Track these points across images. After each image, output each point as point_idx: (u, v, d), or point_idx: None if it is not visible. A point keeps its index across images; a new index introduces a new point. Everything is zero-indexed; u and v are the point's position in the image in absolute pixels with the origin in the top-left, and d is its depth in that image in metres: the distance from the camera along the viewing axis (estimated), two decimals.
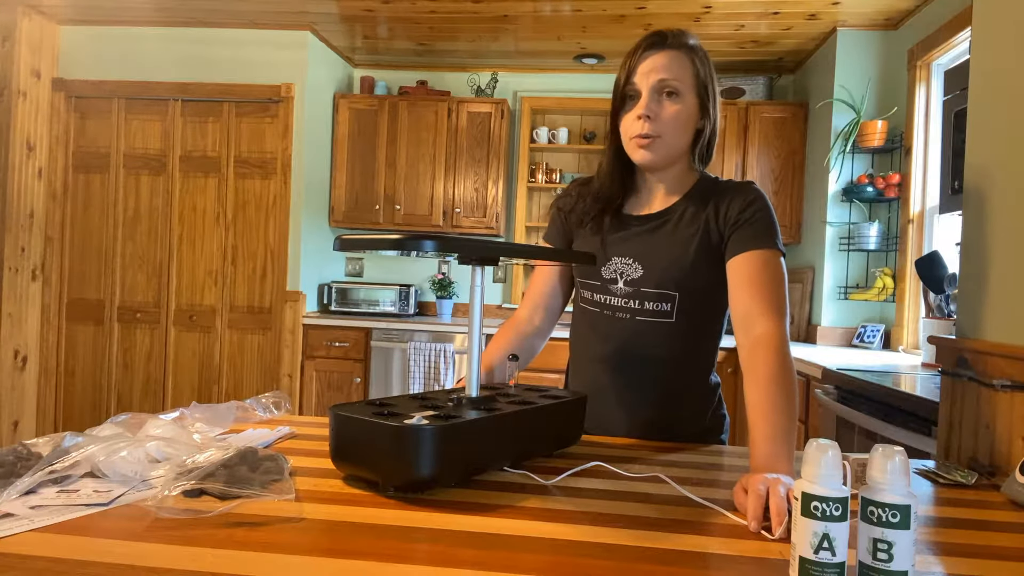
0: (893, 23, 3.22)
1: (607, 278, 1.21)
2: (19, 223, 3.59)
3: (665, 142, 1.14)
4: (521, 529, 0.70)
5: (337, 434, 0.82)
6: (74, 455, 0.76)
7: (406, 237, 0.79)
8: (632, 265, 1.19)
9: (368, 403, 0.89)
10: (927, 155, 2.99)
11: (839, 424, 2.13)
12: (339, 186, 3.93)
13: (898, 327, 3.07)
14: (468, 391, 0.94)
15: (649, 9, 3.21)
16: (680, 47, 1.14)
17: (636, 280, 1.18)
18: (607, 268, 1.21)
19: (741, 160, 3.69)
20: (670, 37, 1.14)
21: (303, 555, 0.61)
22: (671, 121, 1.13)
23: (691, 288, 1.17)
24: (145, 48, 3.71)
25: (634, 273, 1.19)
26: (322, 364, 3.64)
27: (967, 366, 1.11)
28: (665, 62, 1.12)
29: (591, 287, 1.24)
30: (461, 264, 0.94)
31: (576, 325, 1.31)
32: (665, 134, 1.13)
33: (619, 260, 1.20)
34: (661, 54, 1.13)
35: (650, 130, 1.12)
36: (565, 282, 1.33)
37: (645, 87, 1.12)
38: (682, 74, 1.13)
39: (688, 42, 1.15)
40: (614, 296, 1.20)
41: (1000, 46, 1.15)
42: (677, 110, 1.13)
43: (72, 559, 0.59)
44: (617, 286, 1.20)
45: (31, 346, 3.70)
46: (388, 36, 3.74)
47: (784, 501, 0.72)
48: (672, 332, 1.18)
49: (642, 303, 1.18)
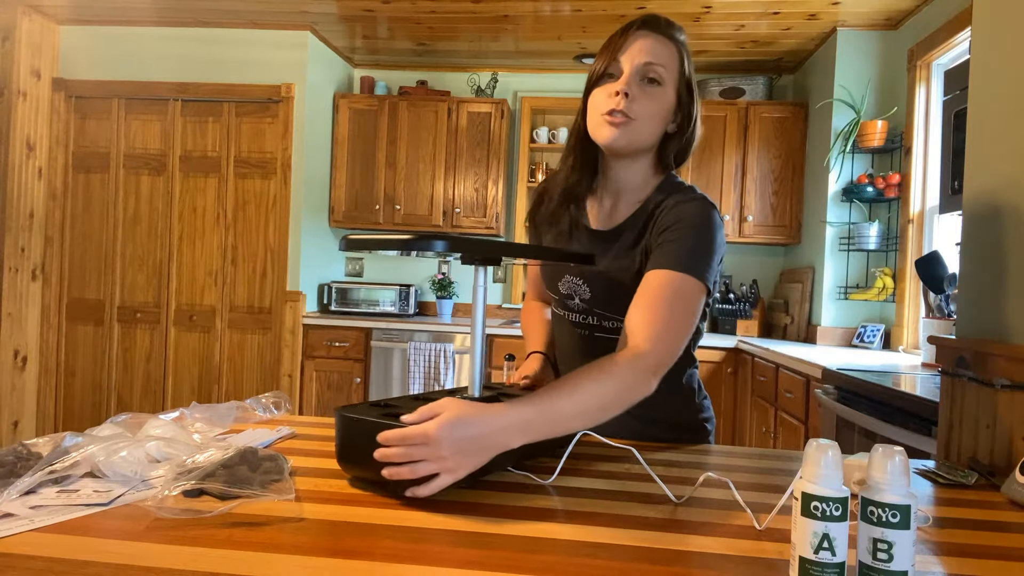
0: (893, 23, 3.22)
1: (564, 293, 1.18)
2: (19, 223, 3.59)
3: (636, 127, 1.04)
4: (521, 529, 0.70)
5: (344, 436, 0.82)
6: (74, 455, 0.76)
7: (411, 238, 0.77)
8: (582, 286, 1.14)
9: (373, 404, 0.88)
10: (927, 155, 2.99)
11: (839, 424, 2.13)
12: (339, 186, 3.93)
13: (898, 327, 3.07)
14: (471, 391, 0.93)
15: (649, 9, 3.21)
16: (672, 38, 1.08)
17: (587, 300, 1.15)
18: (563, 284, 1.16)
19: (741, 160, 3.69)
20: (664, 23, 1.07)
21: (303, 555, 0.61)
22: (648, 108, 1.04)
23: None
24: (145, 48, 3.71)
25: (584, 294, 1.15)
26: (322, 364, 3.64)
27: (967, 366, 1.11)
28: (654, 47, 1.05)
29: (554, 299, 1.22)
30: (465, 264, 0.92)
31: (554, 325, 1.29)
32: (640, 118, 1.04)
33: (570, 279, 1.16)
34: (652, 38, 1.06)
35: (624, 108, 1.03)
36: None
37: (629, 66, 1.04)
38: (669, 64, 1.06)
39: (680, 36, 1.09)
40: (572, 312, 1.18)
41: (1000, 46, 1.15)
42: (656, 99, 1.05)
43: (72, 559, 0.59)
44: (574, 302, 1.17)
45: (31, 346, 3.70)
46: (388, 36, 3.74)
47: (425, 422, 0.72)
48: None
49: (598, 321, 1.15)
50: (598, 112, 1.06)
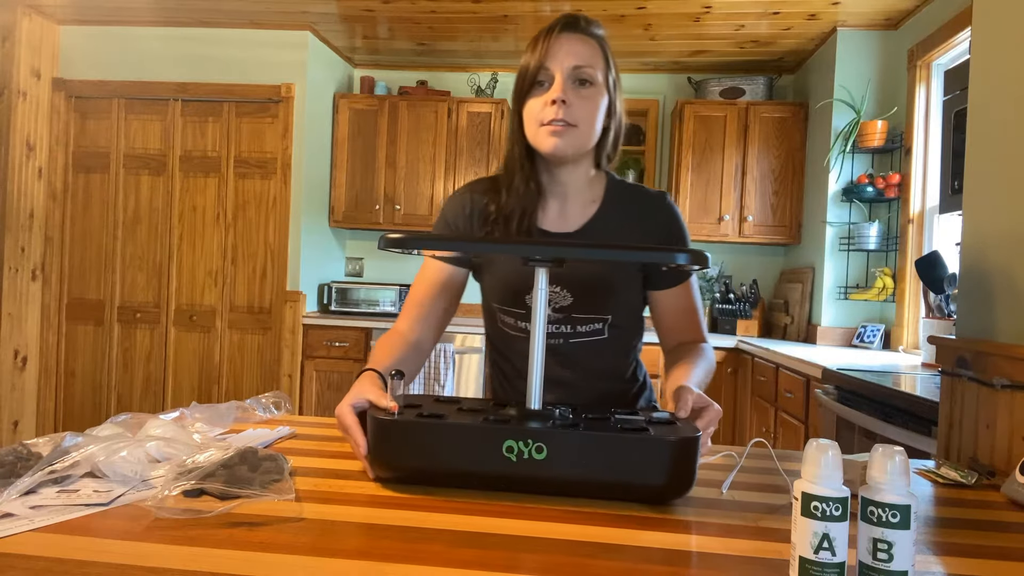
0: (893, 23, 3.22)
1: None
2: (19, 223, 3.59)
3: (580, 132, 1.05)
4: (521, 529, 0.70)
5: (418, 437, 0.80)
6: (74, 455, 0.76)
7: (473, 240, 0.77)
8: (561, 293, 1.11)
9: (408, 406, 0.87)
10: (927, 155, 2.99)
11: (839, 424, 2.13)
12: (339, 186, 3.93)
13: (898, 327, 3.07)
14: (530, 402, 0.86)
15: (649, 9, 3.21)
16: (594, 36, 1.08)
17: (567, 307, 1.12)
18: (531, 295, 1.12)
19: (741, 160, 3.69)
20: (583, 22, 1.07)
21: (303, 555, 0.61)
22: (586, 111, 1.05)
23: (621, 303, 1.15)
24: (145, 48, 3.71)
25: (563, 301, 1.11)
26: (322, 364, 3.64)
27: (967, 366, 1.11)
28: (580, 48, 1.05)
29: (514, 314, 1.15)
30: (533, 265, 0.86)
31: (497, 347, 1.23)
32: (581, 123, 1.05)
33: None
34: (576, 39, 1.06)
35: (564, 116, 1.03)
36: (449, 294, 1.19)
37: (559, 71, 1.04)
38: (596, 63, 1.06)
39: (601, 32, 1.09)
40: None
41: (1000, 46, 1.15)
42: (592, 99, 1.06)
43: (72, 559, 0.59)
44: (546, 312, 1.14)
45: (31, 346, 3.70)
46: (388, 36, 3.74)
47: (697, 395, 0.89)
48: (605, 345, 1.16)
49: (574, 327, 1.13)
50: (537, 122, 1.06)
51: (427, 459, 0.80)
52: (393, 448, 0.81)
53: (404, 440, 0.80)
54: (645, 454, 0.77)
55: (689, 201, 3.72)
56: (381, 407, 0.84)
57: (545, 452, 0.77)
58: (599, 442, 0.77)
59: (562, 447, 0.77)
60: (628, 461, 0.77)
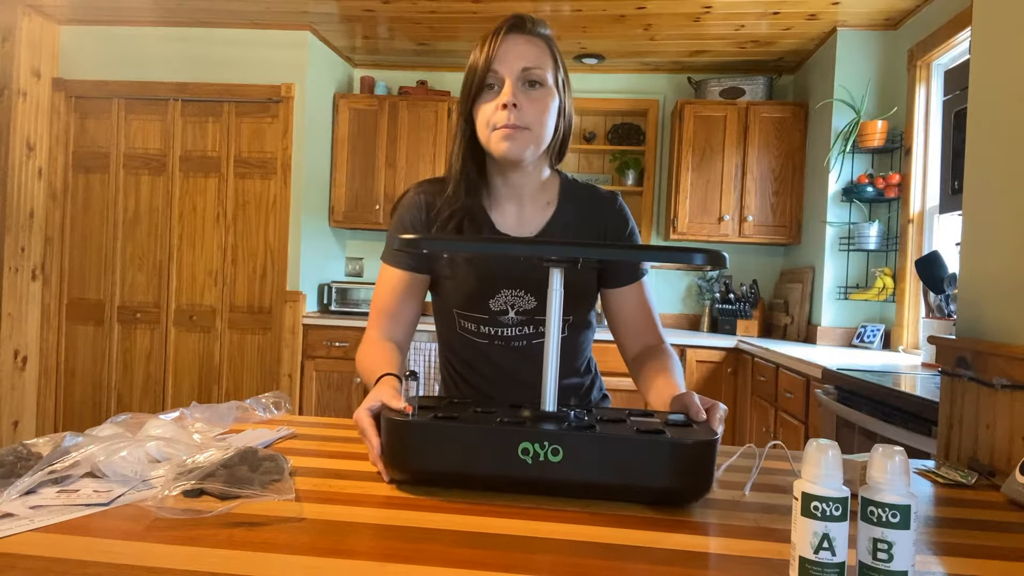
0: (893, 23, 3.22)
1: (496, 310, 1.13)
2: (19, 223, 3.59)
3: (534, 134, 1.05)
4: (521, 529, 0.70)
5: (435, 440, 0.79)
6: (74, 455, 0.76)
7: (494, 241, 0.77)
8: (524, 297, 1.11)
9: (423, 407, 0.87)
10: (927, 155, 2.99)
11: (839, 424, 2.13)
12: (339, 186, 3.93)
13: (898, 327, 3.07)
14: (544, 404, 0.86)
15: (649, 9, 3.21)
16: (541, 36, 1.08)
17: (529, 310, 1.12)
18: (495, 300, 1.12)
19: (741, 160, 3.69)
20: (529, 23, 1.07)
21: (303, 555, 0.61)
22: (539, 112, 1.05)
23: (581, 303, 1.17)
24: (145, 48, 3.71)
25: (527, 304, 1.12)
26: (322, 364, 3.64)
27: (967, 366, 1.11)
28: (528, 49, 1.05)
29: (475, 319, 1.14)
30: (547, 266, 0.87)
31: (454, 351, 1.22)
32: (533, 126, 1.05)
33: (509, 292, 1.11)
34: (523, 40, 1.06)
35: (516, 120, 1.03)
36: (415, 299, 1.19)
37: (509, 74, 1.04)
38: (545, 63, 1.06)
39: (547, 32, 1.10)
40: (505, 327, 1.13)
41: (1000, 46, 1.15)
42: (542, 100, 1.06)
43: (72, 559, 0.59)
44: (508, 316, 1.13)
45: (31, 346, 3.70)
46: (388, 36, 3.74)
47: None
48: (565, 344, 1.15)
49: (536, 328, 1.14)
50: (488, 127, 1.06)
51: (442, 461, 0.79)
52: (407, 450, 0.80)
53: (418, 442, 0.80)
54: (665, 457, 0.76)
55: (689, 201, 3.72)
56: (394, 408, 0.84)
57: (561, 454, 0.77)
58: (616, 444, 0.77)
59: (578, 449, 0.77)
60: (646, 464, 0.76)
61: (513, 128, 1.04)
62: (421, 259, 1.16)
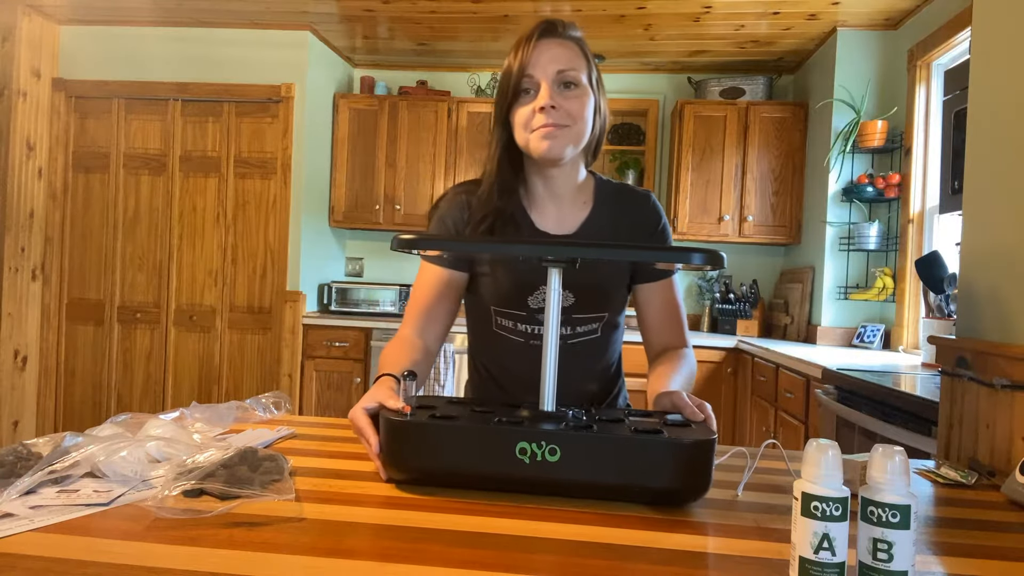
0: (893, 23, 3.22)
1: (534, 307, 1.13)
2: (19, 223, 3.59)
3: (572, 132, 1.08)
4: (521, 529, 0.70)
5: (432, 440, 0.79)
6: (74, 455, 0.76)
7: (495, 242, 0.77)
8: (564, 294, 1.12)
9: (422, 407, 0.87)
10: (927, 155, 2.99)
11: (839, 424, 2.13)
12: (339, 186, 3.93)
13: (898, 327, 3.07)
14: (543, 404, 0.86)
15: (649, 9, 3.21)
16: (572, 39, 1.10)
17: (567, 308, 1.13)
18: (534, 297, 1.13)
19: (741, 160, 3.69)
20: (560, 27, 1.09)
21: (303, 555, 0.61)
22: (575, 110, 1.07)
23: (615, 301, 1.18)
24: (145, 48, 3.71)
25: (565, 302, 1.12)
26: (322, 364, 3.64)
27: (967, 366, 1.11)
28: (562, 52, 1.07)
29: (513, 316, 1.15)
30: (547, 265, 0.86)
31: (488, 349, 1.22)
32: (572, 123, 1.07)
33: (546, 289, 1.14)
34: (556, 44, 1.07)
35: (555, 120, 1.05)
36: (451, 297, 1.19)
37: (544, 78, 1.06)
38: (578, 65, 1.08)
39: (578, 34, 1.11)
40: (543, 324, 1.13)
41: (1000, 46, 1.15)
42: (579, 99, 1.08)
43: (72, 559, 0.59)
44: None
45: (31, 346, 3.70)
46: (388, 36, 3.74)
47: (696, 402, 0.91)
48: (598, 343, 1.19)
49: (573, 328, 1.15)
50: (527, 129, 1.08)
51: (439, 460, 0.79)
52: (405, 449, 0.80)
53: (416, 441, 0.80)
54: (661, 457, 0.76)
55: (689, 201, 3.72)
56: (392, 408, 0.83)
57: (559, 454, 0.76)
58: (614, 444, 0.77)
59: (576, 449, 0.77)
60: (643, 464, 0.76)
61: (553, 126, 1.06)
62: (460, 257, 1.17)
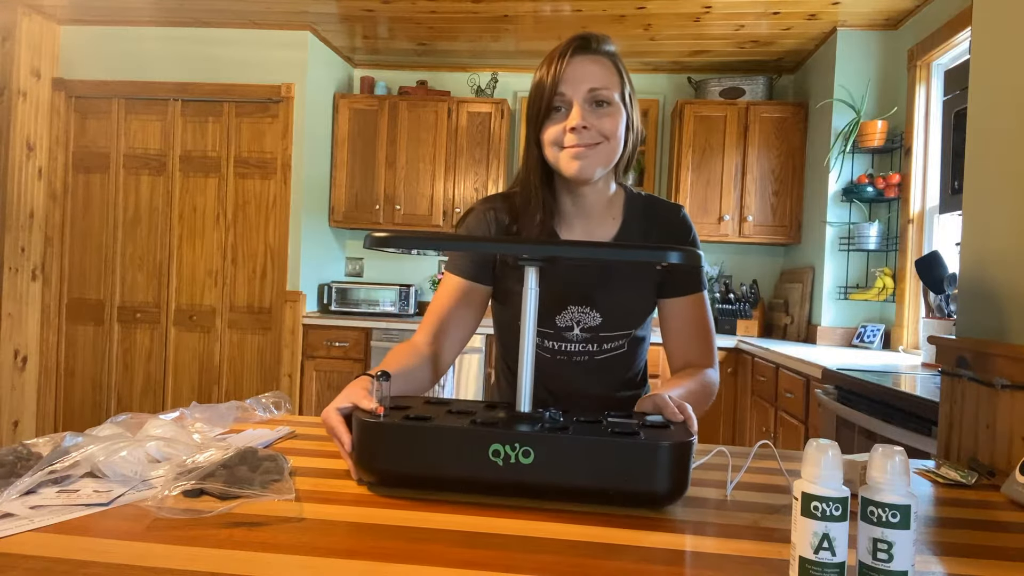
0: (893, 23, 3.22)
1: (562, 326, 1.13)
2: (19, 223, 3.59)
3: (605, 150, 1.06)
4: (521, 529, 0.70)
5: (403, 441, 0.78)
6: (74, 455, 0.76)
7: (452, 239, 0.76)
8: (590, 313, 1.12)
9: (395, 408, 0.86)
10: (927, 155, 2.99)
11: (839, 424, 2.13)
12: (339, 186, 3.93)
13: (898, 327, 3.07)
14: (520, 406, 0.84)
15: (649, 9, 3.21)
16: (606, 55, 1.07)
17: (594, 327, 1.13)
18: (562, 317, 1.12)
19: (741, 160, 3.69)
20: (594, 42, 1.07)
21: (303, 555, 0.61)
22: (609, 128, 1.05)
23: (642, 316, 1.18)
24: (145, 48, 3.71)
25: (592, 321, 1.12)
26: (322, 364, 3.64)
27: (967, 366, 1.11)
28: (595, 70, 1.05)
29: (540, 334, 1.14)
30: (523, 264, 0.86)
31: (515, 361, 1.23)
32: (603, 142, 1.05)
33: (576, 309, 1.12)
34: (589, 60, 1.05)
35: (586, 140, 1.04)
36: (471, 308, 1.17)
37: (576, 96, 1.04)
38: (611, 83, 1.06)
39: (613, 49, 1.09)
40: (569, 343, 1.14)
41: (1000, 46, 1.15)
42: (611, 117, 1.06)
43: (72, 559, 0.59)
44: (573, 333, 1.13)
45: (31, 346, 3.70)
46: (388, 36, 3.74)
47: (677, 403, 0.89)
48: (625, 358, 1.18)
49: (600, 345, 1.15)
50: (557, 147, 1.06)
51: (411, 462, 0.77)
52: (376, 450, 0.79)
53: (387, 442, 0.78)
54: (637, 459, 0.74)
55: (689, 201, 3.72)
56: (365, 409, 0.82)
57: (532, 456, 0.75)
58: (588, 446, 0.75)
59: (550, 451, 0.75)
60: (618, 466, 0.75)
61: (583, 147, 1.04)
62: (484, 269, 1.15)
